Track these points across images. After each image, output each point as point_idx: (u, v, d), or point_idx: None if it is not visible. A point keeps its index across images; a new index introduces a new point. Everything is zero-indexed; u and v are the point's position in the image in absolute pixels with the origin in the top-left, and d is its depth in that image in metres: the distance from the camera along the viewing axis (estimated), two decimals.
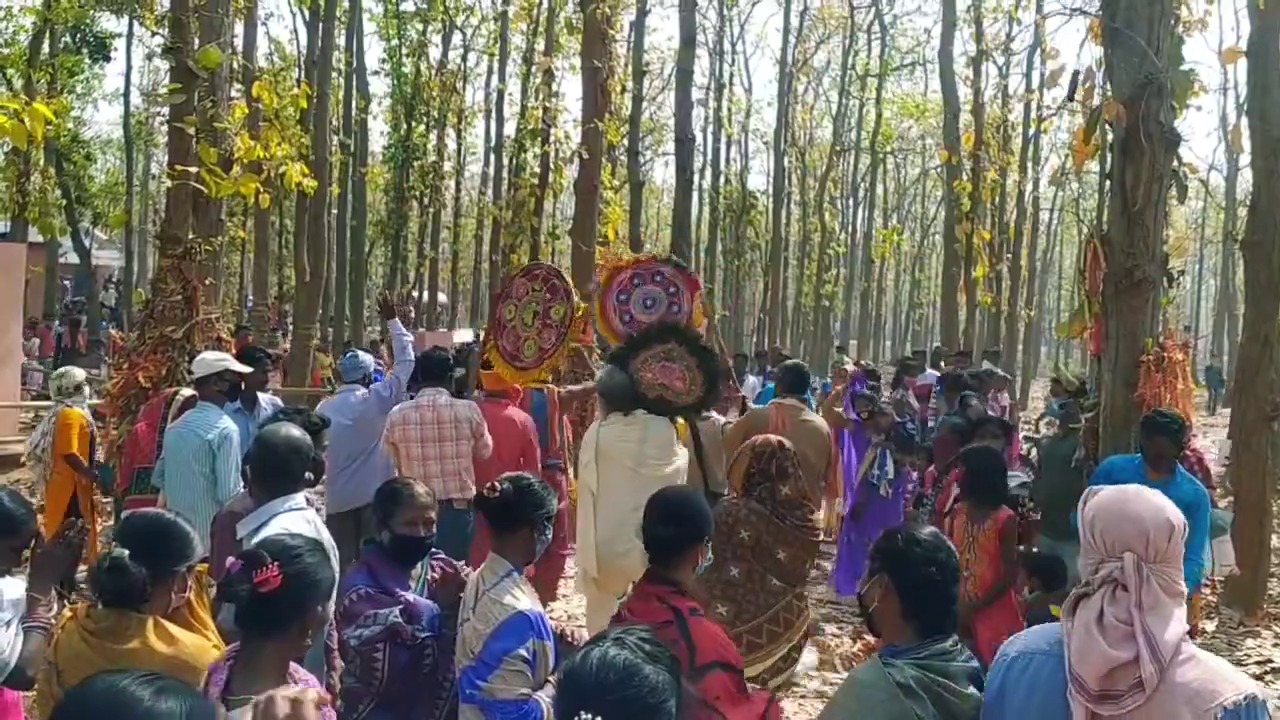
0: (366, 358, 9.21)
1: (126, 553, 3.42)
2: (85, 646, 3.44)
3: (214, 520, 5.19)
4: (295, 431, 4.58)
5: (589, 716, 2.29)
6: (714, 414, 8.65)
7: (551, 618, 4.36)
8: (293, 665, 3.20)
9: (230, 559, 3.17)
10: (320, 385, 17.56)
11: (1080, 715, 2.71)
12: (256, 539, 3.75)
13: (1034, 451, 10.47)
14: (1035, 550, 7.12)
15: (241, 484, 5.96)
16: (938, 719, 3.09)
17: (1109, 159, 7.94)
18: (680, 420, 7.42)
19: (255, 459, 4.49)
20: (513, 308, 8.73)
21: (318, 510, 4.73)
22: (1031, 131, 30.70)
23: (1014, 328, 31.18)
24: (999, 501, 6.31)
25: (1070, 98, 7.79)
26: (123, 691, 2.10)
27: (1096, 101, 7.69)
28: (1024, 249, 32.31)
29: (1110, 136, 7.83)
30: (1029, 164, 30.93)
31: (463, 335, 20.44)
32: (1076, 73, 7.75)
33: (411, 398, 8.01)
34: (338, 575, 4.41)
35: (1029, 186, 31.16)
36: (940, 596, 3.27)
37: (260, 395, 8.42)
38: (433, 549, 4.57)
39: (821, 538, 6.09)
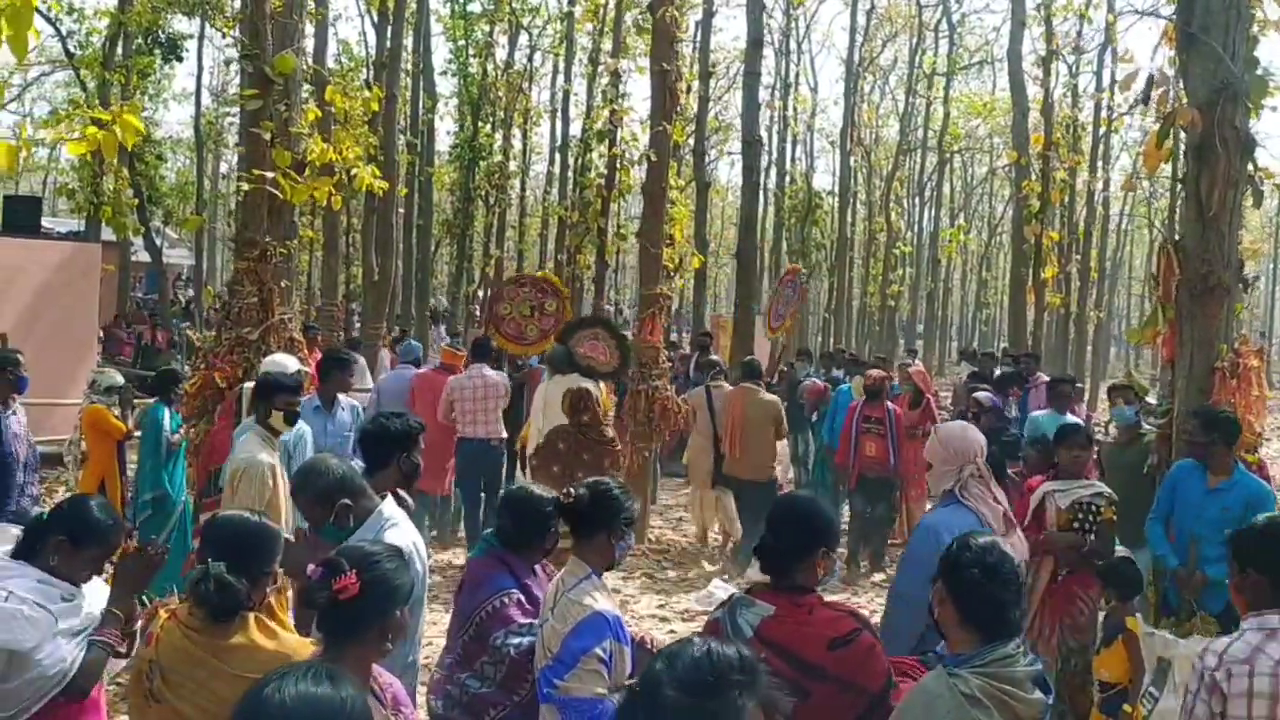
0: (418, 344, 13.98)
1: (223, 566, 3.48)
2: (189, 643, 3.50)
3: None
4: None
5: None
6: (725, 385, 12.31)
7: None
8: (375, 669, 3.26)
9: (311, 566, 3.24)
10: None
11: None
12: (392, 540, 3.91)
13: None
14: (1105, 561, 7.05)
15: None
16: None
17: (1182, 163, 7.85)
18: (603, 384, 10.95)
19: (349, 476, 4.52)
20: (507, 306, 13.09)
21: None
22: (1102, 131, 30.30)
23: (1083, 329, 30.80)
24: None
25: (1144, 102, 7.70)
26: (314, 695, 2.26)
27: (1169, 106, 7.60)
28: (1093, 250, 31.85)
29: (1183, 140, 7.74)
30: (1099, 164, 30.52)
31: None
32: (1151, 76, 7.66)
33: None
34: (425, 575, 4.48)
35: (1099, 186, 30.74)
36: (989, 600, 3.30)
37: (339, 395, 8.73)
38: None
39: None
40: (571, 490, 4.32)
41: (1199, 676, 3.79)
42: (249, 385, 7.82)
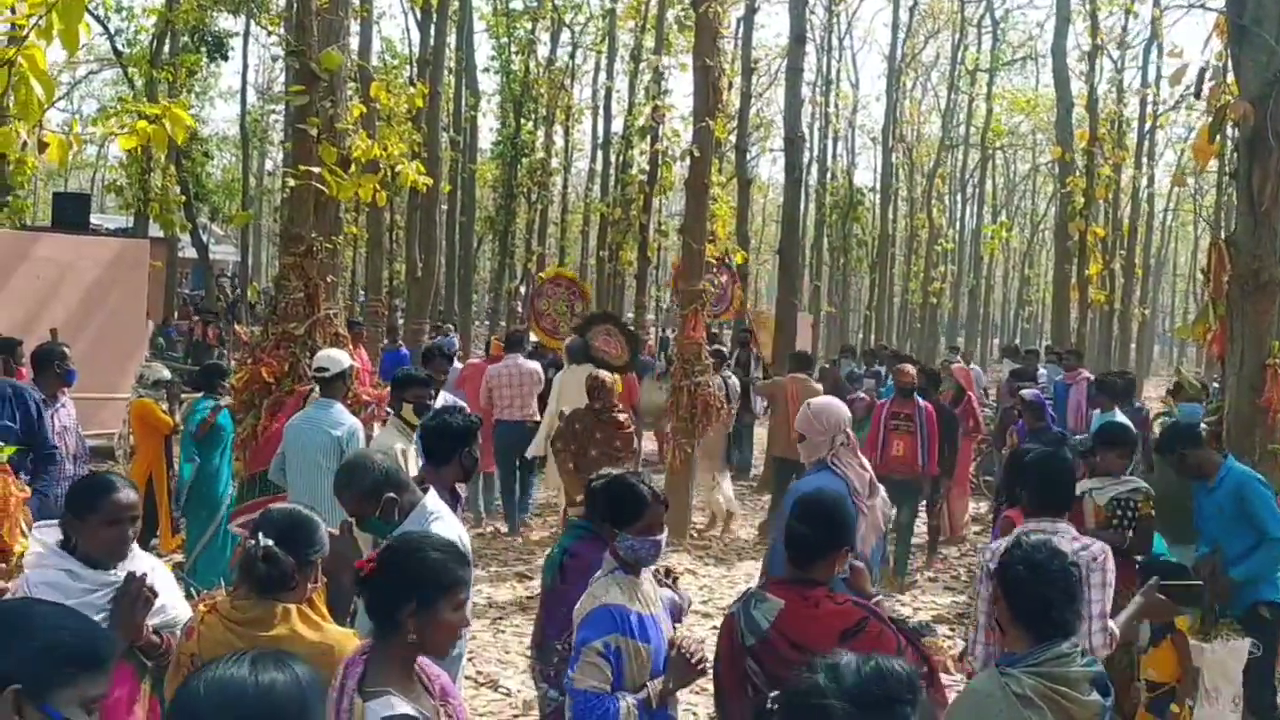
0: (455, 338, 16.69)
1: (272, 542, 3.54)
2: (231, 635, 3.51)
3: None
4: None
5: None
6: (733, 375, 13.86)
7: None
8: (423, 661, 3.26)
9: (366, 559, 3.27)
10: None
11: (863, 508, 5.27)
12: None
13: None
14: (1156, 558, 6.98)
15: None
16: None
17: (1233, 158, 7.78)
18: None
19: (395, 470, 4.56)
20: (547, 302, 15.10)
21: None
22: (1147, 127, 30.02)
23: (1127, 326, 30.55)
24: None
25: (1197, 95, 7.63)
26: (225, 678, 2.18)
27: (1221, 100, 7.52)
28: (1138, 246, 31.55)
29: (1234, 134, 7.67)
30: (1144, 160, 30.24)
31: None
32: (1203, 69, 7.59)
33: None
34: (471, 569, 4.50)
35: (1143, 182, 30.45)
36: (1036, 598, 3.29)
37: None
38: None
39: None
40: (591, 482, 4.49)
41: (984, 569, 4.73)
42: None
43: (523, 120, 31.75)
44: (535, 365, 12.58)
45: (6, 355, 8.66)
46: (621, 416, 10.31)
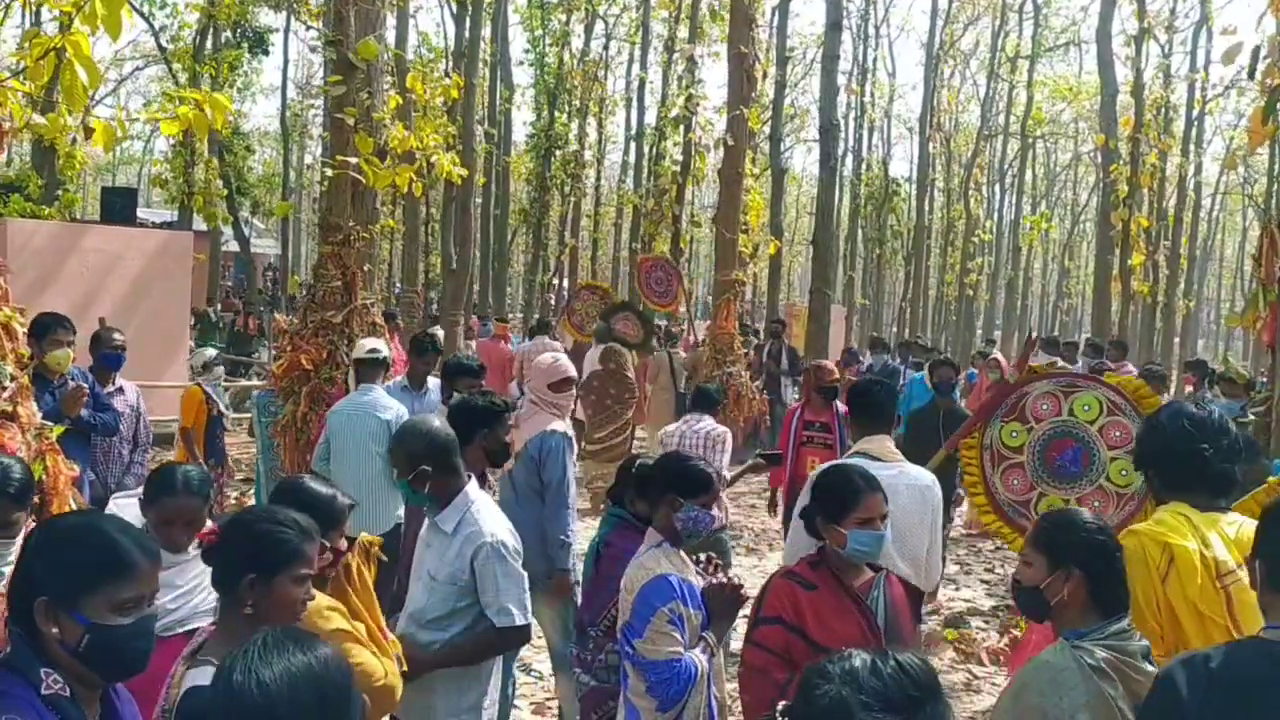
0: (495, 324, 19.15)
1: None
2: None
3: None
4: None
5: None
6: (681, 351, 15.04)
7: None
8: None
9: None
10: None
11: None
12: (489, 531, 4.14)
13: None
14: None
15: None
16: (1125, 699, 3.08)
17: None
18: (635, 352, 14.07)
19: (442, 446, 4.31)
20: (581, 304, 17.28)
21: None
22: (1195, 113, 29.64)
23: (1170, 319, 30.19)
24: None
25: (1251, 75, 7.51)
26: (283, 671, 2.09)
27: (1277, 81, 7.40)
28: (1183, 236, 31.19)
29: None
30: (1191, 147, 29.86)
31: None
32: (1257, 48, 7.47)
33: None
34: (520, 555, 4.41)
35: (1190, 170, 30.06)
36: (1120, 575, 3.29)
37: (429, 378, 8.84)
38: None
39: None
40: (640, 462, 4.68)
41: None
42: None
43: (556, 113, 31.84)
44: (558, 343, 15.62)
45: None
46: (631, 377, 12.68)
